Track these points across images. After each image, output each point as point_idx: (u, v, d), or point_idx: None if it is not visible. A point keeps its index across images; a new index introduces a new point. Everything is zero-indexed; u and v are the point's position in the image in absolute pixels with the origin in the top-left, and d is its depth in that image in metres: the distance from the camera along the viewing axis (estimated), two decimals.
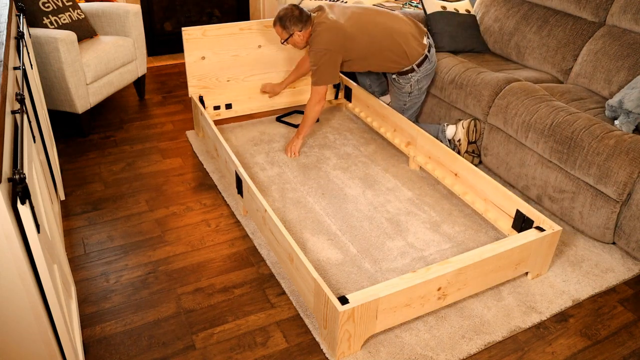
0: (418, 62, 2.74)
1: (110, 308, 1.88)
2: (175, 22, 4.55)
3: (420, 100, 2.94)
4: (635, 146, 2.06)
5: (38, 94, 2.31)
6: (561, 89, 2.66)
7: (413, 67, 2.75)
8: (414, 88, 2.84)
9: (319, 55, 2.62)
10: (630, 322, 1.91)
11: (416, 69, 2.76)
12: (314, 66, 2.66)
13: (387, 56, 2.72)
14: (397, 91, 2.90)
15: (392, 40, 2.69)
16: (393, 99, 3.00)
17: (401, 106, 2.95)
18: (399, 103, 2.94)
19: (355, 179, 2.67)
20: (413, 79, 2.80)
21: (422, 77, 2.81)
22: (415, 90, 2.86)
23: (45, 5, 2.97)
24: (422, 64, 2.76)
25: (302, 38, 2.68)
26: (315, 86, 2.71)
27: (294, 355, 1.72)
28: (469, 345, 1.77)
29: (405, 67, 2.76)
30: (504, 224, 2.25)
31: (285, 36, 2.68)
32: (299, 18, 2.62)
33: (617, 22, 2.71)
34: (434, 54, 2.83)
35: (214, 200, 2.51)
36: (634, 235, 2.09)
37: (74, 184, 2.61)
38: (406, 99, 2.91)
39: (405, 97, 2.90)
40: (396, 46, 2.69)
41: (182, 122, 3.29)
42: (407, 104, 2.93)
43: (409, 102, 2.92)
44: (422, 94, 2.91)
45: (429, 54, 2.78)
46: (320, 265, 2.09)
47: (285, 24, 2.63)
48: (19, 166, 1.15)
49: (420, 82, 2.83)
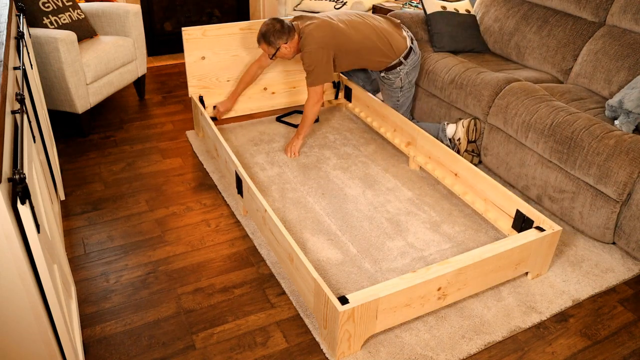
0: (404, 54, 2.80)
1: (110, 308, 1.88)
2: (175, 22, 4.55)
3: (411, 94, 2.99)
4: (635, 146, 2.06)
5: (38, 94, 2.31)
6: (561, 89, 2.66)
7: (400, 59, 2.79)
8: (404, 82, 2.88)
9: (312, 55, 2.62)
10: (630, 322, 1.91)
11: (404, 62, 2.81)
12: (308, 67, 2.66)
13: (375, 50, 2.75)
14: (389, 88, 2.94)
15: (378, 35, 2.74)
16: (386, 98, 3.02)
17: (395, 103, 2.98)
18: (392, 100, 2.98)
19: (355, 179, 2.67)
20: (402, 72, 2.84)
21: (410, 69, 2.86)
22: (406, 84, 2.90)
23: (45, 5, 2.97)
24: (409, 56, 2.82)
25: (290, 49, 2.69)
26: (311, 87, 2.71)
27: (294, 355, 1.72)
28: (469, 345, 1.77)
29: (393, 61, 2.80)
30: (504, 224, 2.25)
31: (272, 51, 2.68)
32: (282, 31, 2.61)
33: (617, 22, 2.71)
34: (417, 46, 2.89)
35: (214, 200, 2.51)
36: (634, 235, 2.09)
37: (74, 184, 2.61)
38: (398, 95, 2.94)
39: (397, 92, 2.93)
40: (382, 40, 2.74)
41: (182, 122, 3.29)
42: (400, 99, 2.96)
43: (402, 98, 2.96)
44: (412, 87, 2.96)
45: (413, 46, 2.83)
46: (320, 265, 2.09)
47: (270, 40, 2.63)
48: (19, 166, 1.15)
49: (409, 74, 2.87)
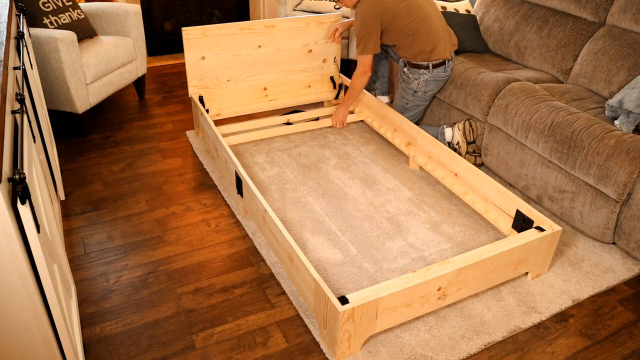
0: (436, 62, 2.76)
1: (110, 308, 1.88)
2: (175, 22, 4.55)
3: (422, 105, 2.94)
4: (635, 146, 2.06)
5: (38, 94, 2.30)
6: (561, 89, 2.66)
7: (429, 64, 2.76)
8: (420, 88, 2.85)
9: (362, 22, 2.69)
10: (630, 322, 1.91)
11: (430, 69, 2.77)
12: (357, 34, 2.74)
13: (417, 38, 2.72)
14: (404, 86, 2.90)
15: (428, 29, 2.71)
16: (397, 96, 3.00)
17: (403, 105, 2.95)
18: (402, 101, 2.95)
19: (355, 179, 2.67)
20: (423, 77, 2.80)
21: (432, 80, 2.82)
22: (421, 91, 2.86)
23: (45, 5, 2.97)
24: (438, 67, 2.78)
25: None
26: (360, 55, 2.80)
27: (294, 355, 1.72)
28: (469, 345, 1.77)
29: (423, 62, 2.77)
30: (504, 224, 2.25)
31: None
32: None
33: (617, 22, 2.71)
34: (451, 68, 2.85)
35: (214, 200, 2.51)
36: (634, 235, 2.09)
37: (74, 184, 2.61)
38: (409, 97, 2.91)
39: (409, 94, 2.90)
40: (428, 37, 2.71)
41: (182, 122, 3.29)
42: (409, 103, 2.93)
43: (411, 102, 2.92)
44: (425, 100, 2.92)
45: (447, 64, 2.79)
46: (320, 265, 2.09)
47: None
48: (19, 166, 1.15)
49: (428, 84, 2.83)
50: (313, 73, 3.35)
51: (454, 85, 2.83)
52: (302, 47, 3.21)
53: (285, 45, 3.15)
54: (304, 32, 3.16)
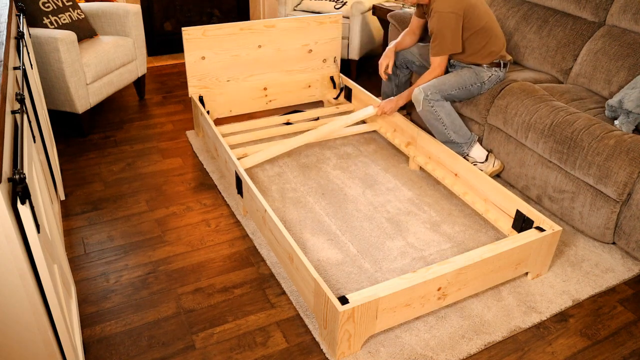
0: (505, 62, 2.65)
1: (110, 308, 1.88)
2: (175, 22, 4.55)
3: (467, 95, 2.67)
4: (635, 146, 2.06)
5: (38, 94, 2.31)
6: (561, 89, 2.66)
7: (500, 62, 2.62)
8: (484, 81, 2.62)
9: (442, 18, 2.43)
10: (630, 322, 1.91)
11: (501, 69, 2.63)
12: (436, 31, 2.47)
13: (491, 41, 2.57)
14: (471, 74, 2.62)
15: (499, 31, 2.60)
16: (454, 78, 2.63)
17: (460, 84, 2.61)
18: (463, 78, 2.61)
19: (355, 179, 2.67)
20: (496, 73, 2.62)
21: (495, 79, 2.64)
22: (486, 85, 2.64)
23: (45, 5, 2.97)
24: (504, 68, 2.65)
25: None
26: (435, 57, 2.54)
27: (294, 355, 1.72)
28: (469, 345, 1.77)
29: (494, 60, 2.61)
30: (504, 224, 2.25)
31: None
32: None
33: (617, 22, 2.71)
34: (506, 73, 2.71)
35: (214, 200, 2.51)
36: (634, 235, 2.09)
37: (74, 184, 2.61)
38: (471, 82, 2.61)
39: (474, 80, 2.61)
40: (499, 39, 2.60)
41: (182, 122, 3.29)
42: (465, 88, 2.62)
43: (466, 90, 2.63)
44: (471, 93, 2.66)
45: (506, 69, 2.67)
46: (320, 265, 2.09)
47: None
48: (19, 166, 1.15)
49: (491, 81, 2.63)
50: (313, 73, 3.35)
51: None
52: (302, 47, 3.21)
53: (285, 45, 3.15)
54: (304, 32, 3.16)
